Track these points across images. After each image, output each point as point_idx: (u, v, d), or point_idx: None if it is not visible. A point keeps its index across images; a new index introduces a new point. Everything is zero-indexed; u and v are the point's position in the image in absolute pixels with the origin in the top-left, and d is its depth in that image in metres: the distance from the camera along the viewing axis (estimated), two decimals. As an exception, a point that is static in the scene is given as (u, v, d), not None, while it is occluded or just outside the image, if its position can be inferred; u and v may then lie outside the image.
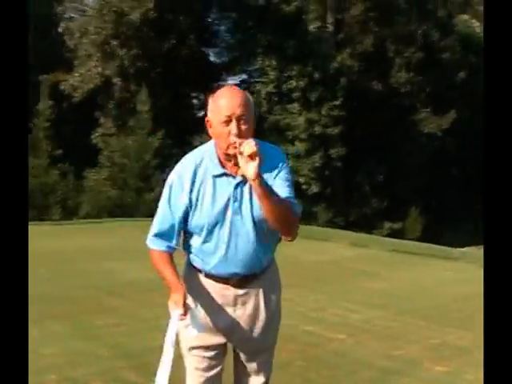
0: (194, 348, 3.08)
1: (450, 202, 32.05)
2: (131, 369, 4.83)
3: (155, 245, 3.01)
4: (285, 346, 4.81)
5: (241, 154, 2.71)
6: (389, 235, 24.37)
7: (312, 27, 29.46)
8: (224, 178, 2.93)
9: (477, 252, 15.84)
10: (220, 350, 3.11)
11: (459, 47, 32.75)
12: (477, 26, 32.85)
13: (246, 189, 2.92)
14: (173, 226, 2.98)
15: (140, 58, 27.98)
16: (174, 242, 3.01)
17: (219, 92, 2.94)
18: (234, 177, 2.91)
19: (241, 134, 2.81)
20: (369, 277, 9.32)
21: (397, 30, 30.60)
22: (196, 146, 3.16)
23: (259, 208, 2.87)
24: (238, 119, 2.83)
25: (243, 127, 2.84)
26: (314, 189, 28.86)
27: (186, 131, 27.65)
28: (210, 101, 2.94)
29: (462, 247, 21.81)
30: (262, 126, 26.34)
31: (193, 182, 2.94)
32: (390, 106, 30.18)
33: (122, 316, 6.40)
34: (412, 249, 13.28)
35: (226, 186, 2.93)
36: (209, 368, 3.10)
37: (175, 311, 2.86)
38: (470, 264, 10.73)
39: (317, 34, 29.60)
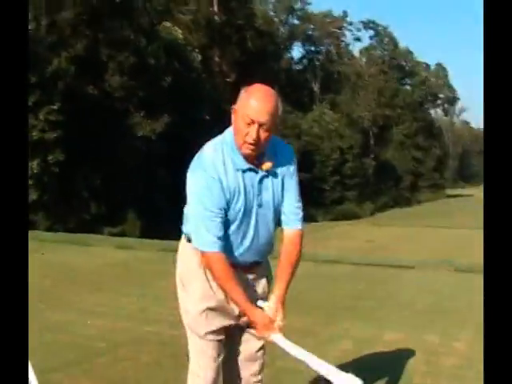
0: (209, 333, 3.17)
1: (163, 204, 33.28)
2: None
3: (214, 247, 2.98)
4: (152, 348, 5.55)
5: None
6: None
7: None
8: (249, 172, 3.04)
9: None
10: (226, 333, 3.25)
11: (164, 53, 33.98)
12: (179, 33, 34.40)
13: (269, 181, 3.09)
14: (221, 224, 2.98)
15: None
16: (223, 239, 3.01)
17: (254, 89, 2.99)
18: (257, 171, 3.05)
19: (258, 141, 2.93)
20: (165, 276, 9.31)
21: (109, 34, 30.66)
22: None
23: (277, 199, 3.12)
24: (261, 125, 2.92)
25: (263, 135, 2.93)
26: (33, 196, 27.83)
27: None
28: (243, 93, 2.98)
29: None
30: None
31: (226, 177, 2.97)
32: (105, 111, 30.26)
33: None
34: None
35: (252, 179, 3.04)
36: (220, 351, 3.24)
37: (274, 336, 3.02)
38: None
39: (31, 36, 28.38)
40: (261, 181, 3.07)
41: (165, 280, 9.17)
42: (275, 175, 3.12)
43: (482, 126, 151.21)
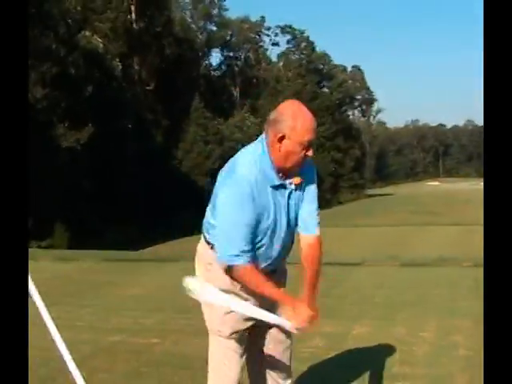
0: (236, 332, 3.27)
1: (89, 213, 32.83)
2: None
3: (243, 260, 3.06)
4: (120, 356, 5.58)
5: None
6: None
7: None
8: (281, 189, 3.16)
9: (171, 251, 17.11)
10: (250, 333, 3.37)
11: (84, 63, 33.50)
12: (99, 42, 33.97)
13: (295, 196, 3.21)
14: (250, 239, 3.06)
15: None
16: (251, 252, 3.10)
17: (302, 111, 3.10)
18: (286, 187, 3.17)
19: (309, 157, 3.13)
20: (115, 286, 9.42)
21: (32, 44, 29.97)
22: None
23: (299, 210, 3.26)
24: (312, 144, 3.12)
25: (312, 151, 3.14)
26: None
27: None
28: (291, 118, 3.04)
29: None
30: None
31: (258, 193, 3.06)
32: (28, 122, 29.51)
33: None
34: (129, 257, 13.94)
35: (282, 195, 3.16)
36: (244, 349, 3.35)
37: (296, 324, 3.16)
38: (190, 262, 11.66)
39: None
40: (289, 196, 3.19)
41: (116, 289, 9.16)
42: (301, 188, 3.23)
43: (397, 125, 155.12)
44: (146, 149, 40.31)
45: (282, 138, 3.05)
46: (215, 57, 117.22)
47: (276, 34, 77.60)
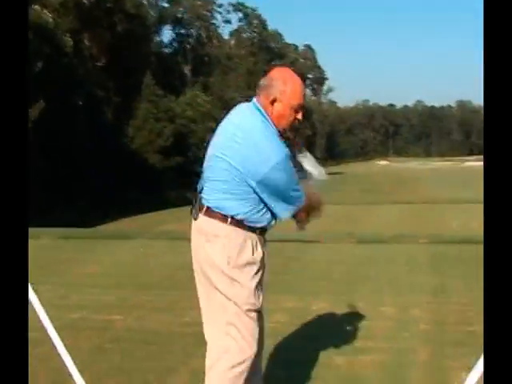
0: (260, 303, 3.39)
1: (40, 189, 32.31)
2: None
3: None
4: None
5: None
6: None
7: None
8: None
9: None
10: None
11: (34, 37, 32.73)
12: (49, 17, 33.25)
13: None
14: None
15: None
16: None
17: (292, 76, 3.33)
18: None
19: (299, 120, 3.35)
20: (73, 263, 9.39)
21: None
22: None
23: None
24: (302, 107, 3.34)
25: (302, 114, 3.34)
26: None
27: None
28: (281, 82, 3.28)
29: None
30: None
31: None
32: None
33: None
34: (85, 234, 13.91)
35: None
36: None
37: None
38: (145, 240, 11.78)
39: None
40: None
41: (74, 267, 9.09)
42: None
43: (348, 104, 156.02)
44: (97, 125, 39.77)
45: (273, 101, 3.25)
46: (167, 34, 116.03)
47: (228, 12, 77.09)
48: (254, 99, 3.34)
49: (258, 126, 3.25)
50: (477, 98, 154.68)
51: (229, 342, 3.30)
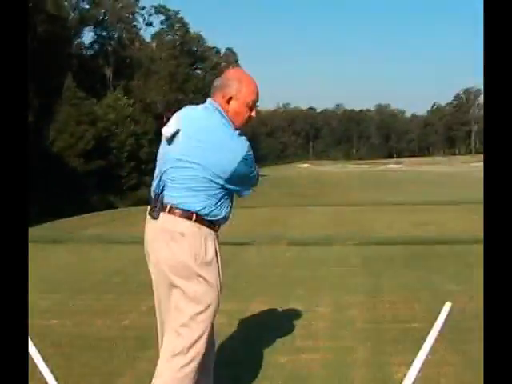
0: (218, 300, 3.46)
1: None
2: None
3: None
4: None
5: None
6: None
7: None
8: None
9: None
10: None
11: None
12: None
13: None
14: None
15: None
16: None
17: (246, 76, 3.56)
18: None
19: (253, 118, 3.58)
20: None
21: None
22: None
23: None
24: (255, 105, 3.58)
25: (255, 112, 3.59)
26: None
27: None
28: (236, 81, 3.48)
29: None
30: None
31: None
32: None
33: None
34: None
35: None
36: None
37: None
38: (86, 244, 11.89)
39: None
40: None
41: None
42: None
43: (269, 108, 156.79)
44: (16, 129, 38.69)
45: (229, 100, 3.44)
46: (88, 36, 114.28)
47: (150, 14, 76.46)
48: (210, 100, 3.49)
49: (220, 126, 3.39)
50: (395, 102, 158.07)
51: (179, 342, 3.35)
